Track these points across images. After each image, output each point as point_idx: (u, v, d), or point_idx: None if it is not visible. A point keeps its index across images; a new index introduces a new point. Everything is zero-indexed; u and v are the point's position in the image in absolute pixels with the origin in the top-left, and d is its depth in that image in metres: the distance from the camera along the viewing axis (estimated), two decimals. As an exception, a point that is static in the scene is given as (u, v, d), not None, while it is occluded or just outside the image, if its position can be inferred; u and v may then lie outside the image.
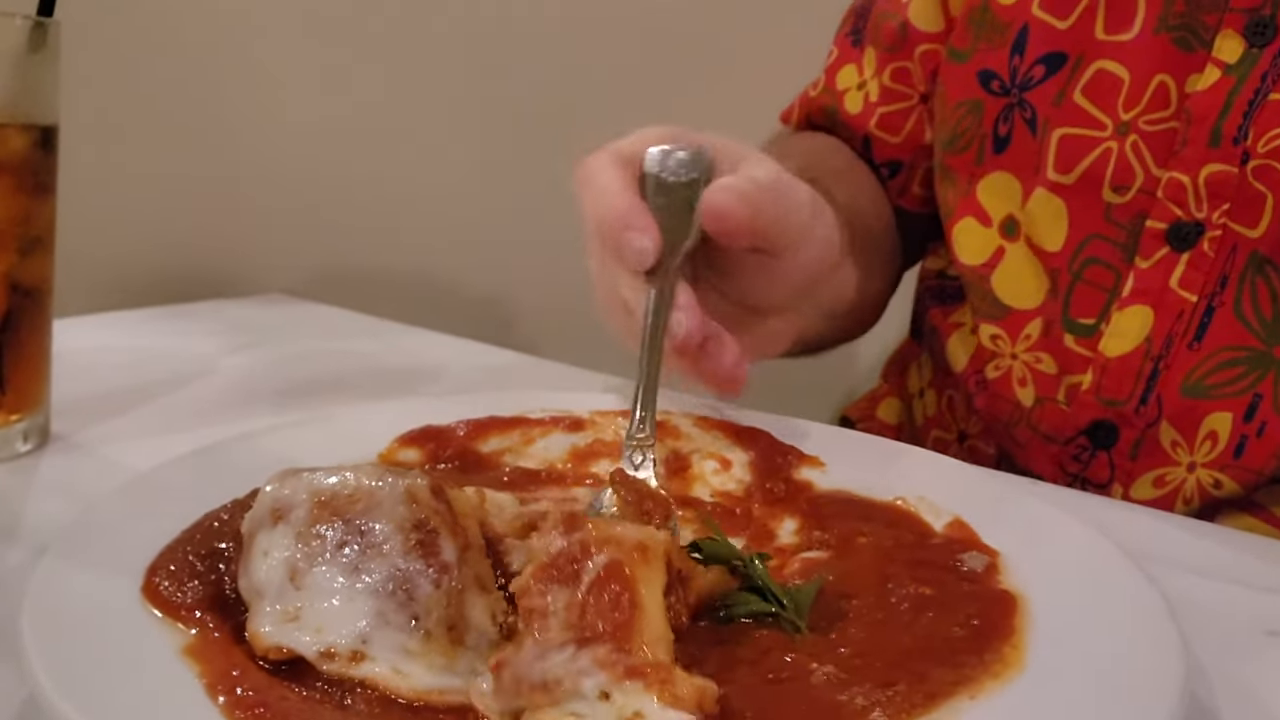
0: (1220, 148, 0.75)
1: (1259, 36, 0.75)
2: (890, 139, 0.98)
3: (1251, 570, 0.62)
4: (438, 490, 0.47)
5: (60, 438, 0.71)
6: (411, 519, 0.45)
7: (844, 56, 1.02)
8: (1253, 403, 0.77)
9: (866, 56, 1.00)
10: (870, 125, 0.98)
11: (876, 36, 0.99)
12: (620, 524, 0.46)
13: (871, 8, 1.01)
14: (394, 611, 0.43)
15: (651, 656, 0.41)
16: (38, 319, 0.67)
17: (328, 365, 0.93)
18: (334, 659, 0.42)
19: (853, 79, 1.00)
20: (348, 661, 0.42)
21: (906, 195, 1.01)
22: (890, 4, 0.98)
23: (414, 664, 0.42)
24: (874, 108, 0.98)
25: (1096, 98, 0.81)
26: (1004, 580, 0.51)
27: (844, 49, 1.02)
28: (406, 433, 0.65)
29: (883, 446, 0.69)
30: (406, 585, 0.44)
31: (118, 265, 1.32)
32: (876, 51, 0.99)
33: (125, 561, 0.48)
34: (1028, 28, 0.84)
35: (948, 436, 0.99)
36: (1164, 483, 0.81)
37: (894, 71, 0.97)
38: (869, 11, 1.01)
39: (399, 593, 0.43)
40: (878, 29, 0.99)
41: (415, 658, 0.42)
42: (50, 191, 0.66)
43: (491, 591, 0.45)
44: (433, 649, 0.43)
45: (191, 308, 1.06)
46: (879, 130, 0.98)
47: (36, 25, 0.62)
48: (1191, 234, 0.77)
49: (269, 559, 0.45)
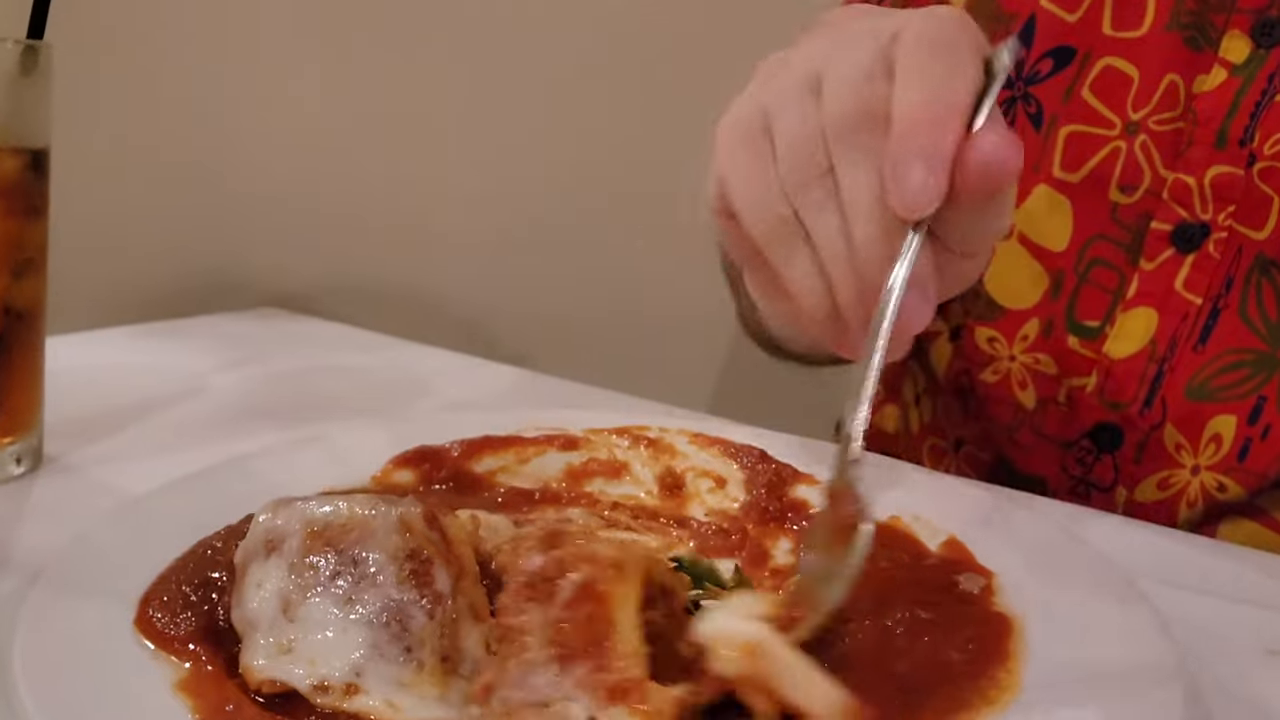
0: (1226, 149, 0.75)
1: (1266, 37, 0.75)
2: None
3: (1253, 587, 0.62)
4: (431, 518, 0.47)
5: (53, 459, 0.70)
6: (405, 548, 0.45)
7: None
8: (1257, 405, 0.77)
9: None
10: None
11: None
12: (598, 541, 0.46)
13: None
14: (388, 643, 0.43)
15: (626, 674, 0.40)
16: (30, 341, 0.67)
17: (321, 381, 0.93)
18: (328, 692, 0.42)
19: None
20: (342, 694, 0.42)
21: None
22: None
23: (407, 695, 0.42)
24: None
25: (1106, 96, 0.80)
26: (999, 602, 0.51)
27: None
28: (401, 454, 0.65)
29: (878, 464, 0.69)
30: (400, 616, 0.43)
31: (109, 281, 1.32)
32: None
33: (118, 591, 0.48)
34: (1035, 19, 0.83)
35: (944, 444, 0.99)
36: (1168, 485, 0.81)
37: None
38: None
39: (393, 624, 0.43)
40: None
41: (409, 689, 0.42)
42: (42, 214, 0.65)
43: (485, 620, 0.45)
44: (426, 679, 0.43)
45: (184, 323, 1.06)
46: None
47: (28, 49, 0.62)
48: (1197, 236, 0.77)
49: (262, 590, 0.45)
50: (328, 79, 1.47)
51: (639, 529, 0.60)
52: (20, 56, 0.62)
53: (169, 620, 0.45)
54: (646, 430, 0.69)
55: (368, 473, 0.64)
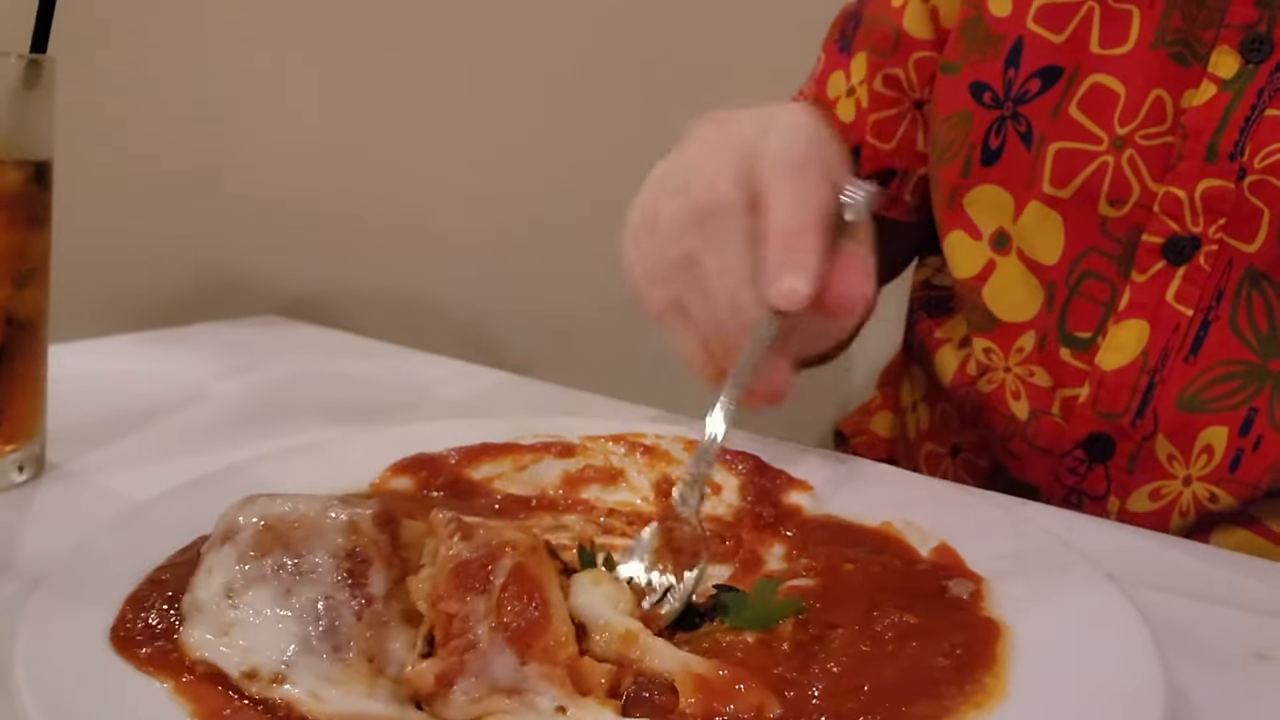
0: (1217, 163, 0.76)
1: (1255, 53, 0.75)
2: (883, 145, 0.98)
3: (1241, 591, 0.63)
4: (385, 520, 0.48)
5: (55, 466, 0.71)
6: (346, 549, 0.47)
7: (832, 63, 1.01)
8: (1248, 417, 0.78)
9: (855, 62, 0.99)
10: (865, 133, 0.98)
11: (868, 41, 0.98)
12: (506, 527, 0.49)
13: (861, 13, 1.00)
14: (317, 639, 0.45)
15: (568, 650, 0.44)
16: (33, 350, 0.68)
17: (321, 388, 0.94)
18: (256, 679, 0.44)
19: (841, 86, 1.00)
20: (269, 683, 0.44)
21: (897, 204, 1.01)
22: (882, 9, 0.97)
23: (332, 690, 0.44)
24: (866, 114, 0.97)
25: (1092, 111, 0.81)
26: (988, 607, 0.52)
27: (831, 55, 1.01)
28: (399, 461, 0.66)
29: (872, 470, 0.70)
30: (332, 614, 0.45)
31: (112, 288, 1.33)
32: (868, 56, 0.97)
33: (118, 596, 0.49)
34: (1022, 40, 0.84)
35: (940, 450, 0.99)
36: (1160, 496, 0.81)
37: (885, 78, 0.96)
38: (859, 17, 1.00)
39: (324, 620, 0.45)
40: (869, 34, 0.98)
41: (335, 684, 0.44)
42: (45, 225, 0.66)
43: (418, 625, 0.46)
44: (352, 677, 0.44)
45: (185, 331, 1.07)
46: (872, 138, 0.98)
47: (31, 63, 0.63)
48: (1188, 248, 0.78)
49: (211, 577, 0.47)
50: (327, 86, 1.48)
51: (633, 535, 0.61)
52: (24, 71, 0.62)
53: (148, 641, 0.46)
54: (642, 437, 0.70)
55: (366, 479, 0.65)
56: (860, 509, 0.63)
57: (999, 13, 0.86)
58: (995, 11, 0.86)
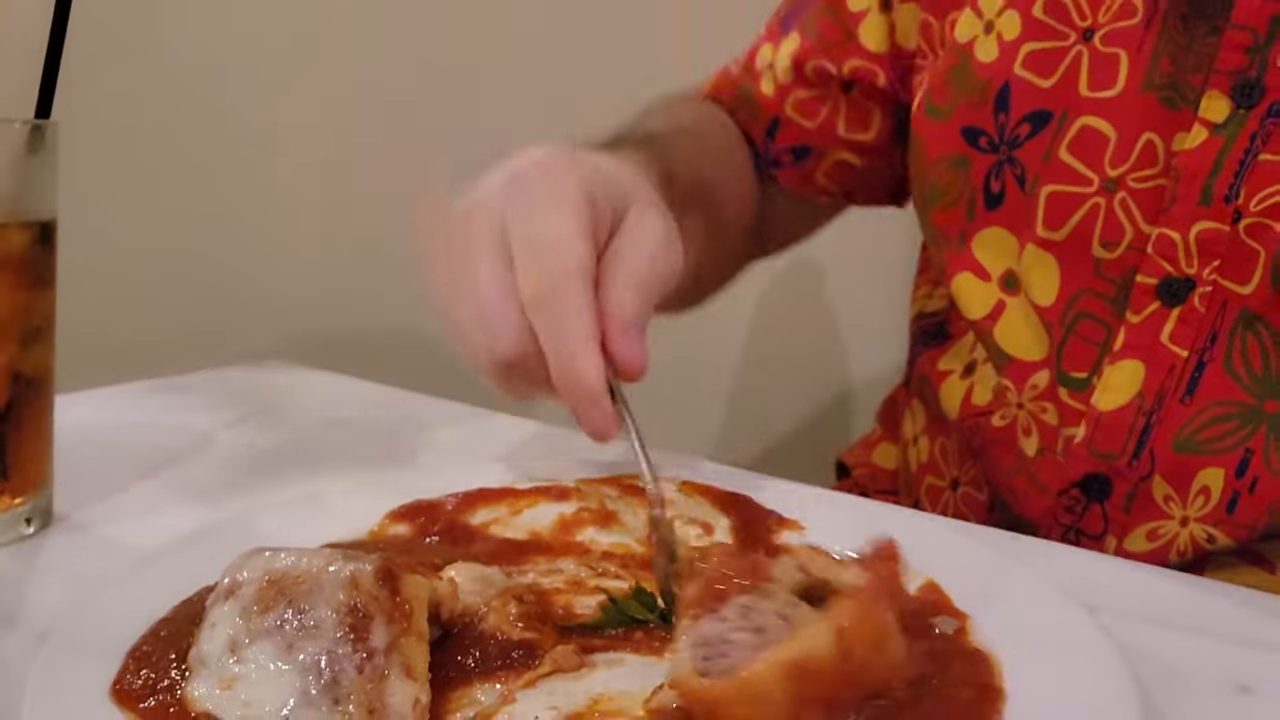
0: (1212, 206, 0.76)
1: (1245, 98, 0.76)
2: (805, 123, 1.00)
3: (1228, 622, 0.63)
4: (386, 575, 0.49)
5: (63, 518, 0.72)
6: (347, 603, 0.48)
7: (767, 36, 1.04)
8: (1244, 458, 0.78)
9: (788, 40, 1.01)
10: (784, 109, 1.00)
11: (811, 26, 1.00)
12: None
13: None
14: (318, 693, 0.46)
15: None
16: (40, 405, 0.69)
17: (325, 434, 0.95)
18: None
19: (768, 58, 1.02)
20: None
21: (809, 183, 1.03)
22: (839, 4, 0.99)
23: None
24: (786, 90, 1.00)
25: (1082, 154, 0.82)
26: (973, 643, 0.53)
27: (771, 30, 1.04)
28: (396, 509, 0.67)
29: (863, 507, 0.71)
30: (332, 668, 0.46)
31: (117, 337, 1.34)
32: (803, 40, 1.00)
33: (123, 650, 0.50)
34: (1009, 86, 0.85)
35: (940, 484, 1.00)
36: (1157, 536, 0.81)
37: (816, 68, 0.99)
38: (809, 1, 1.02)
39: (325, 674, 0.46)
40: (814, 20, 1.00)
41: None
42: (50, 284, 0.68)
43: (418, 679, 0.48)
44: None
45: (189, 379, 1.08)
46: (792, 113, 1.00)
47: (35, 128, 0.65)
48: (1182, 290, 0.78)
49: (215, 631, 0.48)
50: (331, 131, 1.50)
51: (627, 577, 0.62)
52: (28, 136, 0.64)
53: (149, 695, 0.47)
54: (636, 480, 0.71)
55: (365, 527, 0.66)
56: (850, 548, 0.64)
57: (985, 58, 0.87)
58: (982, 57, 0.87)
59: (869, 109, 1.00)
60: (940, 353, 0.97)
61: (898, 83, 0.98)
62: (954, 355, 0.95)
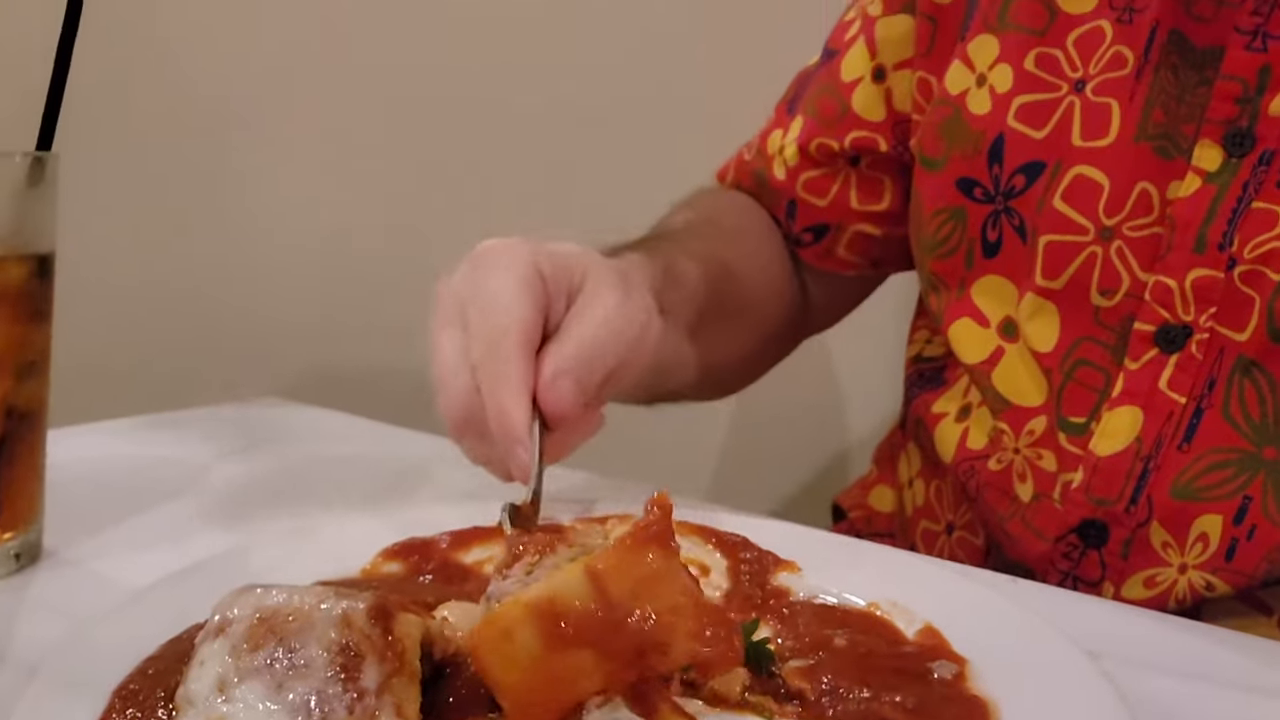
0: (1206, 254, 0.77)
1: (1237, 147, 0.76)
2: (817, 202, 1.02)
3: (1228, 668, 0.62)
4: (379, 614, 0.48)
5: (52, 553, 0.72)
6: (339, 642, 0.47)
7: (776, 121, 1.06)
8: (1243, 505, 0.78)
9: (795, 123, 1.03)
10: (797, 190, 1.02)
11: (812, 106, 1.02)
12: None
13: (812, 77, 1.04)
14: None
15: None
16: (32, 440, 0.69)
17: (321, 471, 0.94)
18: None
19: (778, 144, 1.04)
20: None
21: (831, 258, 1.05)
22: (833, 79, 1.01)
23: None
24: (796, 172, 1.02)
25: (1077, 203, 0.82)
26: (971, 688, 0.52)
27: (779, 114, 1.06)
28: (390, 547, 0.67)
29: (859, 549, 0.71)
30: (323, 708, 0.45)
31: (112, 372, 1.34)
32: (805, 120, 1.02)
33: (110, 688, 0.50)
34: (1003, 138, 0.86)
35: (936, 528, 0.99)
36: (1155, 583, 0.81)
37: (819, 146, 1.01)
38: (809, 81, 1.05)
39: (315, 714, 0.45)
40: (815, 100, 1.02)
41: None
42: (46, 318, 0.68)
43: (410, 718, 0.47)
44: None
45: (184, 415, 1.08)
46: (805, 193, 1.02)
47: (35, 160, 0.65)
48: (1179, 336, 0.78)
49: (203, 669, 0.47)
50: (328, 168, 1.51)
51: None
52: (29, 169, 0.64)
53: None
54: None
55: (357, 565, 0.66)
56: (848, 590, 0.63)
57: (978, 110, 0.88)
58: (974, 109, 0.88)
59: (879, 179, 1.01)
60: (936, 396, 0.97)
61: (901, 147, 0.99)
62: (949, 398, 0.95)
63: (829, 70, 1.02)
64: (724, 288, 0.93)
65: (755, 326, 1.03)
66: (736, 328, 0.98)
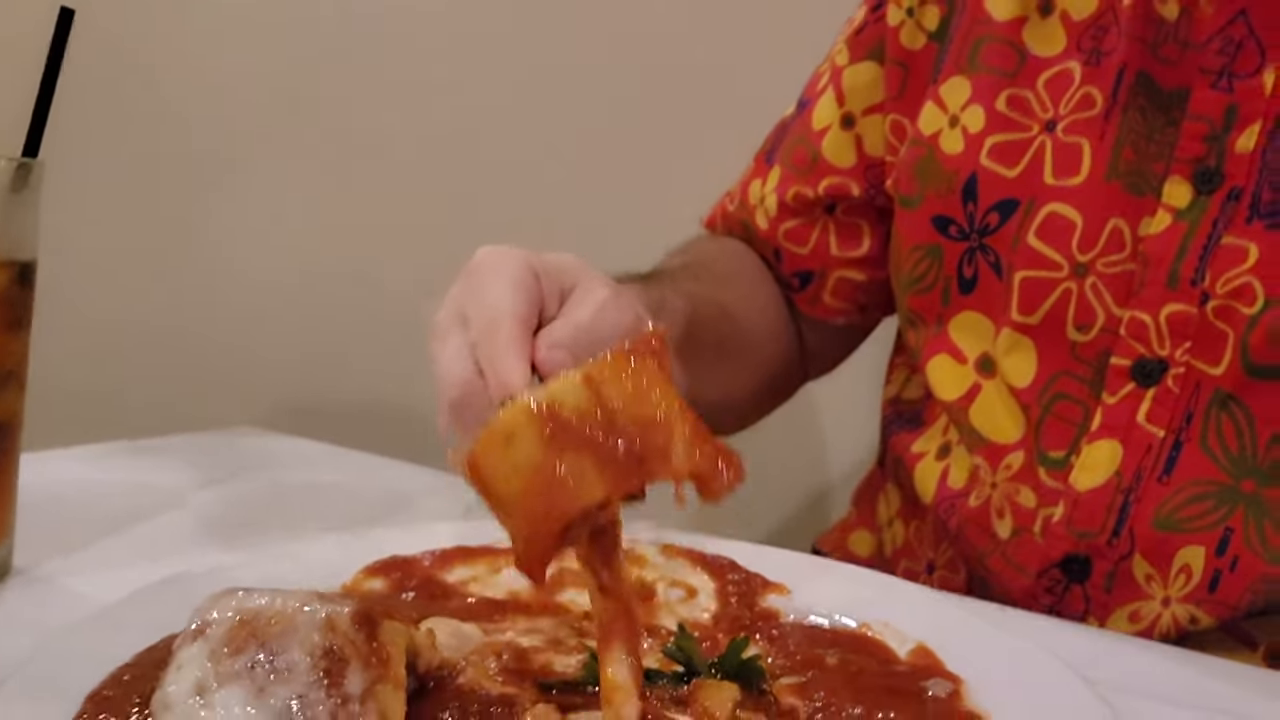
0: (1179, 289, 0.78)
1: (1206, 184, 0.78)
2: (798, 250, 1.03)
3: (1215, 695, 0.62)
4: (363, 619, 0.47)
5: (21, 571, 0.70)
6: (322, 646, 0.45)
7: (756, 171, 1.07)
8: (1224, 537, 0.78)
9: (772, 173, 1.04)
10: (779, 238, 1.03)
11: (788, 157, 1.04)
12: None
13: (788, 128, 1.06)
14: None
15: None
16: (5, 452, 0.67)
17: (299, 499, 0.93)
18: None
19: (758, 194, 1.05)
20: None
21: (818, 305, 1.05)
22: (805, 129, 1.03)
23: None
24: (777, 223, 1.03)
25: (1051, 239, 0.83)
26: (966, 707, 0.51)
27: (758, 164, 1.07)
28: (372, 563, 0.66)
29: (848, 573, 0.70)
30: (305, 713, 0.44)
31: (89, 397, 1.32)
32: (782, 170, 1.03)
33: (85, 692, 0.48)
34: (976, 177, 0.87)
35: (916, 566, 0.99)
36: (1139, 617, 0.80)
37: (796, 194, 1.02)
38: (785, 132, 1.06)
39: (297, 719, 0.44)
40: (790, 151, 1.04)
41: None
42: (25, 326, 0.66)
43: None
44: None
45: (160, 442, 1.06)
46: (786, 242, 1.03)
47: (20, 166, 0.64)
48: (1156, 371, 0.79)
49: (182, 672, 0.45)
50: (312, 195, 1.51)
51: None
52: (13, 174, 0.64)
53: None
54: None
55: (339, 582, 0.64)
56: (837, 611, 0.63)
57: (950, 150, 0.89)
58: (947, 149, 0.89)
59: (856, 224, 1.02)
60: (914, 436, 0.97)
61: (874, 191, 1.00)
62: (929, 438, 0.95)
63: (802, 120, 1.04)
64: (723, 329, 0.93)
65: (756, 368, 1.03)
66: (737, 368, 0.99)
